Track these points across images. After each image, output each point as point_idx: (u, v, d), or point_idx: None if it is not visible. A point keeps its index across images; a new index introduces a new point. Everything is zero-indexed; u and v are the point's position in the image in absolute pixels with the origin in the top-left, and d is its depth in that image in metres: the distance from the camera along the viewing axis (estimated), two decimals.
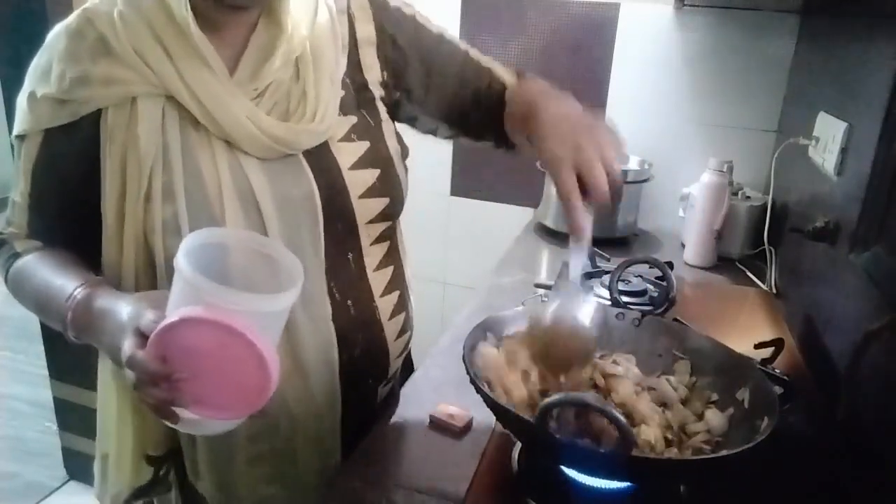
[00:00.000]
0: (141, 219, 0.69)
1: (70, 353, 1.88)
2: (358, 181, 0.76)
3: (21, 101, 0.72)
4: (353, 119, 0.78)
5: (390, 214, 0.81)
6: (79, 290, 0.68)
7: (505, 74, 0.92)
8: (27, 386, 2.48)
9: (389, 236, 0.85)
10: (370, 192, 0.77)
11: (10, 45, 1.65)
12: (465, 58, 0.90)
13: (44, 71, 0.70)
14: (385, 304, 0.84)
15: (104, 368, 0.78)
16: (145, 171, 0.68)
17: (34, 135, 0.71)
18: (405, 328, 0.89)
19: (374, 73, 0.81)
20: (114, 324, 0.63)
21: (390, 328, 0.85)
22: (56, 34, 0.71)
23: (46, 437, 2.16)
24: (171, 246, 0.65)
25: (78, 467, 2.04)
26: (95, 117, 0.69)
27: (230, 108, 0.68)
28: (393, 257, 0.86)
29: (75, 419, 1.97)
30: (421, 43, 0.85)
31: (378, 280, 0.82)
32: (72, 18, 0.70)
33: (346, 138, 0.76)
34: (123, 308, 0.63)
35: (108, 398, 0.77)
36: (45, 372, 1.95)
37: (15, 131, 0.73)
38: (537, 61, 1.80)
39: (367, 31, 0.81)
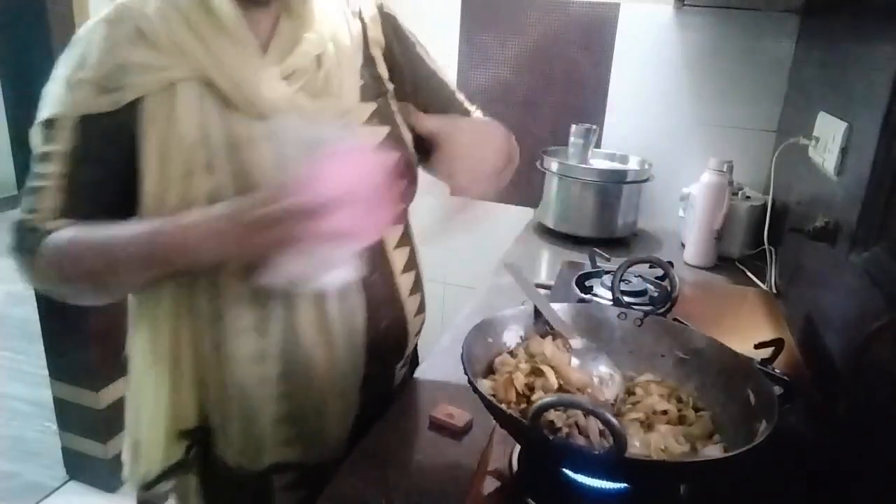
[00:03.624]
0: (181, 194, 0.71)
1: (70, 353, 1.89)
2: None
3: (53, 87, 0.73)
4: (374, 105, 0.83)
5: (408, 196, 0.87)
6: (155, 220, 0.70)
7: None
8: (27, 386, 2.48)
9: (404, 218, 0.91)
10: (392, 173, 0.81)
11: (10, 45, 1.65)
12: (451, 97, 0.96)
13: (81, 58, 0.72)
14: (405, 282, 0.89)
15: (138, 349, 0.79)
16: (186, 149, 0.71)
17: (68, 119, 0.72)
18: (421, 308, 0.94)
19: (384, 71, 0.87)
20: (220, 219, 0.66)
21: (409, 306, 0.90)
22: (93, 25, 0.73)
23: (46, 437, 2.16)
24: None
25: (78, 467, 2.04)
26: (132, 104, 0.71)
27: (263, 88, 0.72)
28: (408, 238, 0.92)
29: (75, 419, 1.97)
30: (414, 66, 0.91)
31: (398, 258, 0.88)
32: (108, 11, 0.74)
33: (369, 122, 0.82)
34: (221, 206, 0.67)
35: (143, 379, 0.79)
36: (45, 372, 1.95)
37: (44, 116, 0.73)
38: (537, 61, 1.80)
39: (376, 34, 0.86)
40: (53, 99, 0.73)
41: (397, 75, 0.89)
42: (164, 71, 0.71)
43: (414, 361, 1.04)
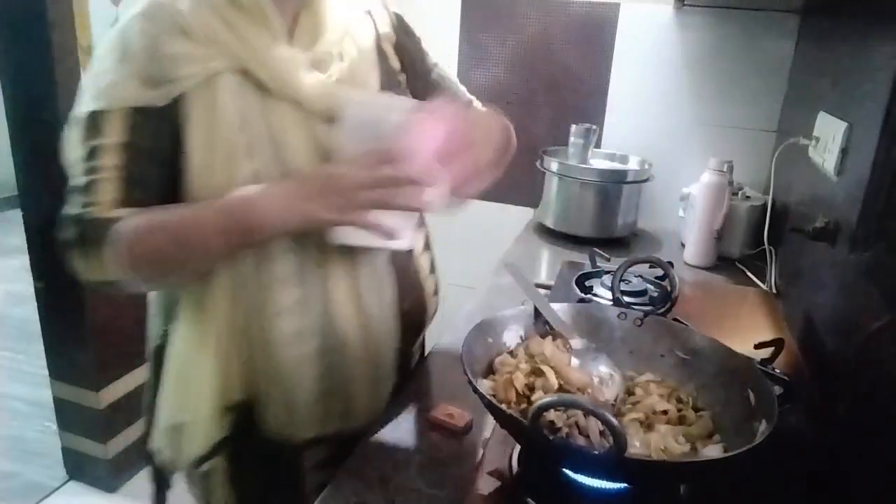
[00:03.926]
0: (226, 177, 0.74)
1: (70, 353, 1.89)
2: None
3: (96, 81, 0.75)
4: (391, 94, 0.87)
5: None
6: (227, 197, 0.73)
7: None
8: (27, 386, 2.48)
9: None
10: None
11: (10, 45, 1.65)
12: (454, 88, 1.01)
13: (122, 52, 0.74)
14: (424, 262, 0.95)
15: (182, 334, 0.80)
16: (228, 134, 0.74)
17: (118, 112, 0.73)
18: (436, 290, 0.99)
19: (396, 63, 0.91)
20: (297, 189, 0.71)
21: (428, 285, 0.96)
22: (128, 20, 0.75)
23: (46, 437, 2.16)
24: None
25: (78, 467, 2.04)
26: (177, 95, 0.74)
27: (299, 77, 0.77)
28: (424, 220, 0.97)
29: (75, 419, 1.97)
30: (421, 60, 0.96)
31: (417, 238, 0.94)
32: (142, 7, 0.76)
33: None
34: (295, 181, 0.72)
35: (189, 360, 0.80)
36: (45, 372, 1.95)
37: (89, 108, 0.74)
38: (537, 61, 1.80)
39: (386, 29, 0.91)
40: (99, 92, 0.74)
41: (406, 68, 0.93)
42: (206, 62, 0.74)
43: (422, 347, 1.06)
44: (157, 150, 0.75)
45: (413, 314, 0.92)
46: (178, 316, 0.81)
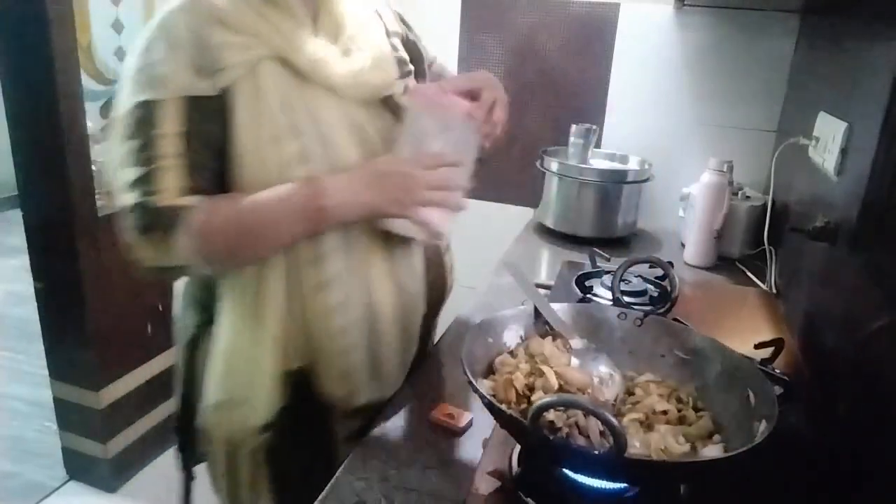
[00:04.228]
0: (273, 157, 0.79)
1: (70, 353, 1.89)
2: None
3: (144, 72, 0.77)
4: (403, 83, 0.93)
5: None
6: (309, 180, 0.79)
7: None
8: (27, 386, 2.48)
9: None
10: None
11: (10, 45, 1.65)
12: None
13: (168, 44, 0.76)
14: (443, 241, 1.02)
15: (234, 309, 0.84)
16: (272, 116, 0.78)
17: (173, 101, 0.76)
18: (452, 268, 1.06)
19: (405, 54, 0.96)
20: (364, 181, 0.80)
21: (446, 262, 1.03)
22: (168, 14, 0.78)
23: (46, 437, 2.16)
24: (297, 176, 0.78)
25: (78, 467, 2.04)
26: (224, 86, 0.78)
27: (328, 62, 0.82)
28: None
29: (75, 419, 1.97)
30: (423, 52, 1.03)
31: None
32: (182, 1, 0.79)
33: (404, 93, 0.92)
34: (361, 172, 0.81)
35: (241, 335, 0.83)
36: (45, 372, 1.95)
37: (140, 98, 0.76)
38: (537, 61, 1.80)
39: (394, 26, 0.97)
40: (151, 81, 0.76)
41: (414, 62, 0.98)
42: (248, 50, 0.78)
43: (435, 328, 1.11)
44: (211, 138, 0.78)
45: (436, 287, 0.99)
46: (226, 298, 0.85)
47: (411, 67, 0.97)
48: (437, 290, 1.00)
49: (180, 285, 0.94)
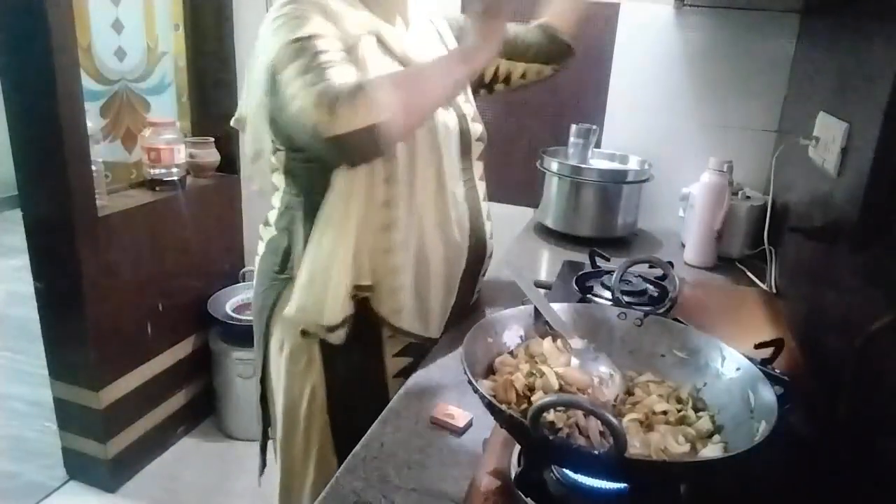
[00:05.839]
0: None
1: (70, 353, 1.89)
2: (468, 110, 1.13)
3: (296, 23, 0.89)
4: None
5: (482, 138, 1.15)
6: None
7: None
8: (27, 386, 2.48)
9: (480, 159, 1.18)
10: (474, 119, 1.14)
11: (10, 45, 1.65)
12: None
13: (304, 16, 0.90)
14: (485, 207, 1.16)
15: (323, 235, 0.98)
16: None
17: (330, 36, 0.90)
18: (492, 234, 1.18)
19: (453, 41, 1.15)
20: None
21: (487, 228, 1.16)
22: (285, 4, 0.92)
23: (46, 437, 2.16)
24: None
25: (78, 467, 2.04)
26: None
27: (408, 45, 1.02)
28: (484, 177, 1.18)
29: (75, 419, 1.97)
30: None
31: (481, 188, 1.16)
32: None
33: None
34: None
35: (329, 253, 0.98)
36: (45, 372, 1.95)
37: (304, 33, 0.88)
38: None
39: (444, 30, 1.17)
40: (306, 24, 0.89)
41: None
42: (356, 23, 0.95)
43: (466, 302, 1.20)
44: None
45: (477, 248, 1.13)
46: (318, 226, 1.00)
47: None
48: (477, 252, 1.13)
49: (255, 242, 1.14)
